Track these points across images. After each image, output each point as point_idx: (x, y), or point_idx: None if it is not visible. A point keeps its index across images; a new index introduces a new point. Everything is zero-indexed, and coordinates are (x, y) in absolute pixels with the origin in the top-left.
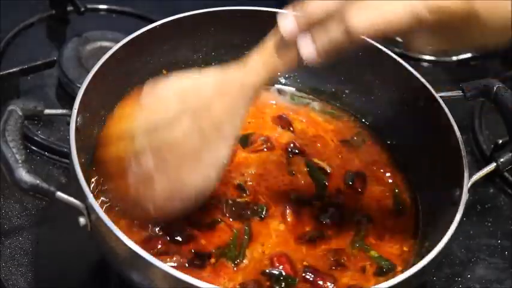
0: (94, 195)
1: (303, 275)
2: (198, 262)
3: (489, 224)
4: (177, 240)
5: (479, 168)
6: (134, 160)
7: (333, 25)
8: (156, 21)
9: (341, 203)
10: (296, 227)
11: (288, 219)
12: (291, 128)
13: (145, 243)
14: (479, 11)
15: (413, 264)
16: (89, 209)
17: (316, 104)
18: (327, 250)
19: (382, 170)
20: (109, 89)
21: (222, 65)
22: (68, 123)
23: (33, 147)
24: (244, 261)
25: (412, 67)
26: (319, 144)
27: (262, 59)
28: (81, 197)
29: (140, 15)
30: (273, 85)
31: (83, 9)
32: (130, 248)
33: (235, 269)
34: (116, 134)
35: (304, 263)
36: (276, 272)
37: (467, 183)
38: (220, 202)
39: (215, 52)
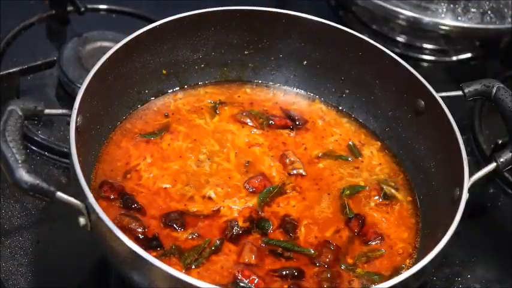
0: (94, 195)
1: None
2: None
3: (489, 224)
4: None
5: (479, 168)
6: None
7: None
8: (156, 21)
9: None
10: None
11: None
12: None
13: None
14: None
15: (414, 265)
16: (89, 209)
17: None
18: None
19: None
20: (109, 89)
21: (222, 65)
22: (68, 123)
23: (33, 147)
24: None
25: (412, 67)
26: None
27: None
28: (81, 197)
29: (140, 15)
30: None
31: (83, 9)
32: (130, 248)
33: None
34: None
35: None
36: (243, 284)
37: (467, 183)
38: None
39: (215, 52)
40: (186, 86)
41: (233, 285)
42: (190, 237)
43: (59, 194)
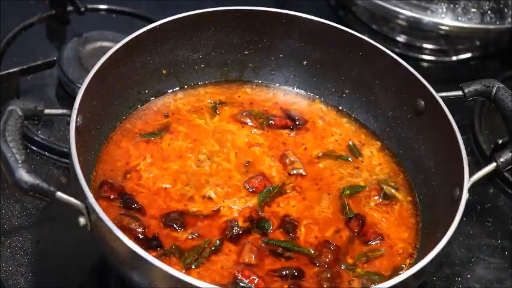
0: (94, 195)
1: None
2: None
3: (489, 224)
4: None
5: (479, 168)
6: None
7: None
8: (156, 21)
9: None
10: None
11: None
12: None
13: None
14: None
15: (414, 265)
16: (89, 209)
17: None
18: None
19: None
20: (109, 89)
21: (222, 65)
22: (68, 123)
23: (33, 147)
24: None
25: (412, 67)
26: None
27: None
28: (81, 197)
29: (140, 15)
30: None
31: (83, 9)
32: (130, 248)
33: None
34: None
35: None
36: (243, 284)
37: (467, 183)
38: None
39: (215, 52)
40: (186, 86)
41: (233, 285)
42: (190, 237)
43: (59, 194)
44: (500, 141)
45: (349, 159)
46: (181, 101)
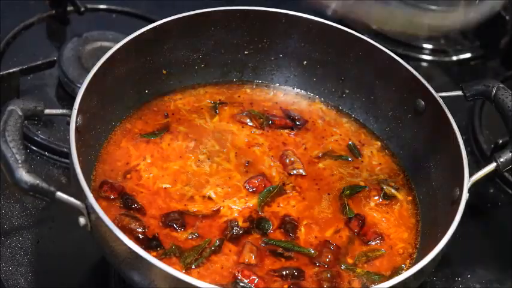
0: (94, 195)
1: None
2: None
3: (489, 224)
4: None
5: (479, 168)
6: None
7: None
8: (156, 21)
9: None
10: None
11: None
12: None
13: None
14: None
15: (414, 265)
16: (89, 209)
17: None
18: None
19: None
20: (109, 89)
21: (222, 65)
22: (68, 123)
23: (33, 147)
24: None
25: (412, 67)
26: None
27: None
28: (81, 197)
29: (140, 15)
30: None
31: (83, 9)
32: (130, 248)
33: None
34: None
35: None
36: (243, 284)
37: (467, 183)
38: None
39: (215, 52)
40: (186, 86)
41: (233, 285)
42: (190, 237)
43: (59, 194)
44: (500, 141)
45: (349, 159)
46: (181, 101)
